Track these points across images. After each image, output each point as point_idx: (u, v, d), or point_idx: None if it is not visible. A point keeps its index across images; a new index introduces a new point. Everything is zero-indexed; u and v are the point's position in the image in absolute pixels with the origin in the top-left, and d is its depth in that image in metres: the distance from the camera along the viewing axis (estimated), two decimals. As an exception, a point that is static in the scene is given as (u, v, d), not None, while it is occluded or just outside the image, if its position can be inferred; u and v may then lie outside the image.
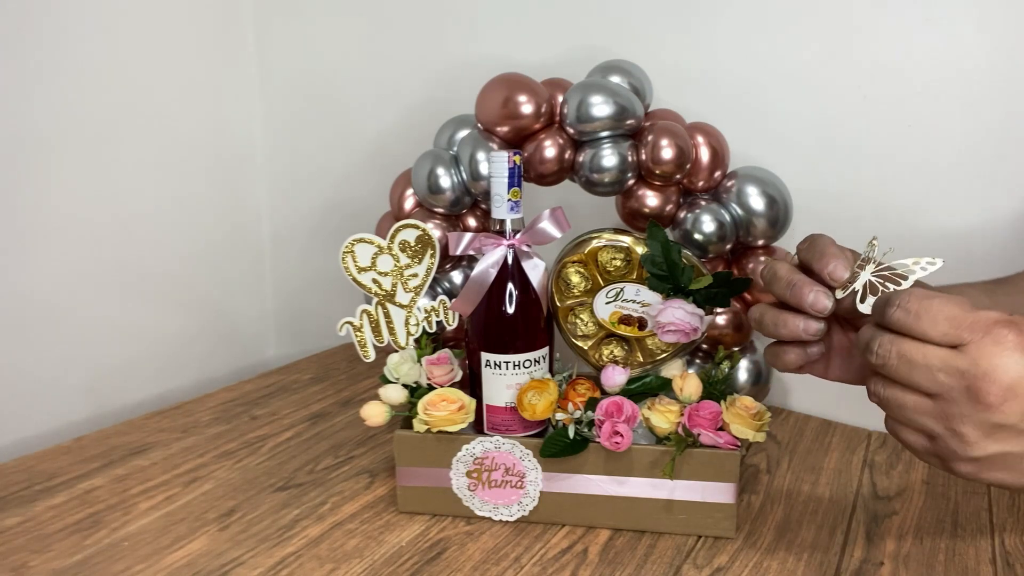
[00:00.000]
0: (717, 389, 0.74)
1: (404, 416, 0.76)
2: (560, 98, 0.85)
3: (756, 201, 0.83)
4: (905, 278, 0.55)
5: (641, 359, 0.79)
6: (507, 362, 0.73)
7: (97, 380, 1.05)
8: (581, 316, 0.79)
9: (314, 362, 1.18)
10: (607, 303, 0.78)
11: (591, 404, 0.72)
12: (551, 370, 0.77)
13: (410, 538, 0.72)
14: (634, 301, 0.77)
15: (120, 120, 1.04)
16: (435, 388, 0.75)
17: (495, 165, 0.72)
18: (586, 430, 0.72)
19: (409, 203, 0.93)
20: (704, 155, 0.83)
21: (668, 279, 0.75)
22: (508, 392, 0.74)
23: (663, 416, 0.71)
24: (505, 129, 0.86)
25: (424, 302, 0.80)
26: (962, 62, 0.84)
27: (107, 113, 1.02)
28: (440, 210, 0.89)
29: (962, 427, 0.46)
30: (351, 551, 0.70)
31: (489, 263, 0.73)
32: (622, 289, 0.77)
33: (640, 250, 0.76)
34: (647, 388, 0.76)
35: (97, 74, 1.01)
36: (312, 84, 1.22)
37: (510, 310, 0.73)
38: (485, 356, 0.74)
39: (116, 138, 1.04)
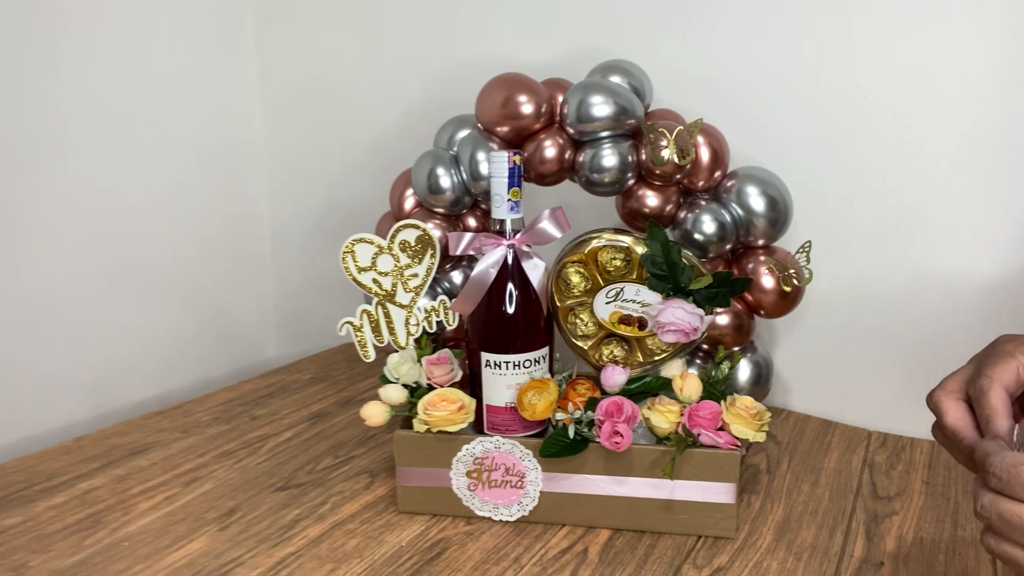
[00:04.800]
0: (717, 389, 0.74)
1: (404, 416, 0.76)
2: (560, 98, 0.85)
3: (756, 201, 0.83)
4: None
5: (641, 359, 0.79)
6: (507, 362, 0.73)
7: (97, 380, 1.05)
8: (581, 316, 0.79)
9: (314, 362, 1.18)
10: (607, 303, 0.78)
11: (591, 404, 0.72)
12: (551, 370, 0.77)
13: (410, 538, 0.72)
14: (634, 301, 0.77)
15: (120, 120, 1.04)
16: (435, 388, 0.75)
17: (495, 165, 0.72)
18: (586, 430, 0.71)
19: (409, 203, 0.93)
20: (704, 155, 0.83)
21: (668, 279, 0.75)
22: (508, 392, 0.74)
23: (663, 416, 0.71)
24: (505, 129, 0.86)
25: (424, 302, 0.80)
26: (962, 62, 0.84)
27: (107, 113, 1.02)
28: (440, 210, 0.89)
29: None
30: (351, 551, 0.70)
31: (489, 263, 0.73)
32: (622, 289, 0.77)
33: (640, 250, 0.76)
34: (647, 388, 0.76)
35: (97, 74, 1.01)
36: (312, 84, 1.22)
37: (510, 310, 0.73)
38: (485, 356, 0.74)
39: (116, 138, 1.04)
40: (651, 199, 0.85)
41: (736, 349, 0.87)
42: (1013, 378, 0.54)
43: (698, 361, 0.89)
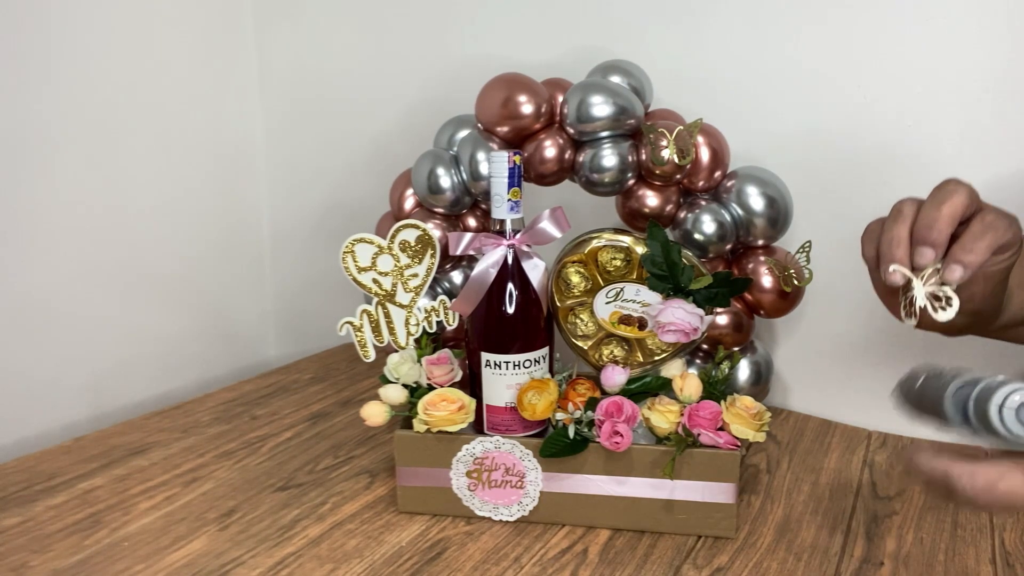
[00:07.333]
0: (717, 389, 0.74)
1: (404, 416, 0.76)
2: (560, 98, 0.85)
3: (756, 201, 0.83)
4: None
5: (641, 359, 0.79)
6: (507, 362, 0.73)
7: (97, 380, 1.05)
8: (581, 316, 0.79)
9: (314, 362, 1.18)
10: (607, 303, 0.78)
11: (591, 404, 0.72)
12: (551, 370, 0.77)
13: (410, 538, 0.72)
14: (634, 301, 0.77)
15: (120, 120, 1.04)
16: (435, 388, 0.75)
17: (495, 165, 0.72)
18: (586, 430, 0.71)
19: (409, 203, 0.93)
20: (704, 155, 0.83)
21: (668, 279, 0.75)
22: (508, 392, 0.74)
23: (663, 416, 0.71)
24: (505, 129, 0.86)
25: (424, 302, 0.80)
26: (962, 61, 0.84)
27: (107, 113, 1.02)
28: (440, 210, 0.89)
29: None
30: (351, 551, 0.70)
31: (489, 263, 0.73)
32: (622, 289, 0.77)
33: (640, 250, 0.76)
34: (647, 388, 0.76)
35: (97, 74, 1.01)
36: (312, 84, 1.22)
37: (510, 310, 0.73)
38: (485, 356, 0.74)
39: (116, 138, 1.04)
40: (651, 199, 0.85)
41: (736, 349, 0.87)
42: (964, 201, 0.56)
43: (698, 361, 0.89)
